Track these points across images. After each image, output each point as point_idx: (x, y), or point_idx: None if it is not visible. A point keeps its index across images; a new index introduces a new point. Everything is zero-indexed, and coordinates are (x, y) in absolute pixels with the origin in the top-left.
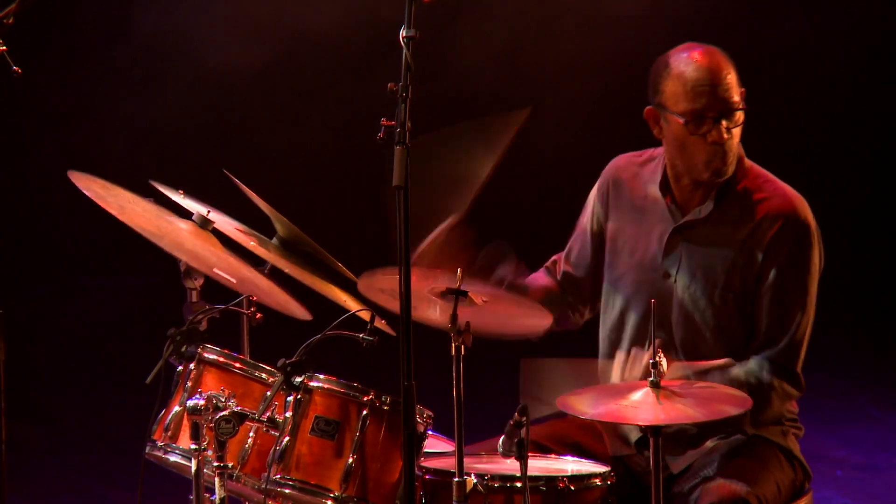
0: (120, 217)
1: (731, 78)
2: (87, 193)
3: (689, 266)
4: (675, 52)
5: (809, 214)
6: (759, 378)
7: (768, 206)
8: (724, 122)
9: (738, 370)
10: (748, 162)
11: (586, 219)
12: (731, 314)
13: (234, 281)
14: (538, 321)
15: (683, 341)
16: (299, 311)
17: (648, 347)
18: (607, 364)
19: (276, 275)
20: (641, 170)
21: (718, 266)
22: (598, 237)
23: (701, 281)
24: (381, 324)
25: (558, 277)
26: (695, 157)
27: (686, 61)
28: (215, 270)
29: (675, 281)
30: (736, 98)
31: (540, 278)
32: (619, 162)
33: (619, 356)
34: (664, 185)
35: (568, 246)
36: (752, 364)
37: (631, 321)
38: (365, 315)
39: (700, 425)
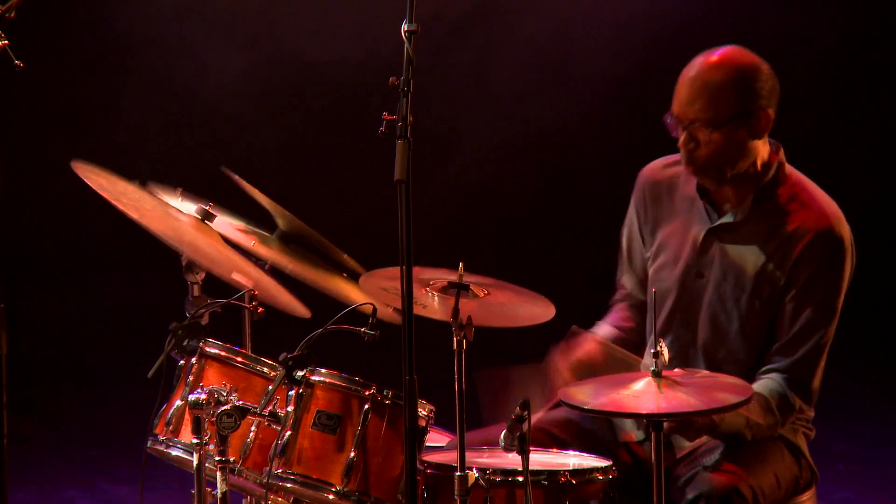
0: (123, 209)
1: (715, 90)
2: (92, 186)
3: (722, 267)
4: (704, 52)
5: (845, 228)
6: (781, 394)
7: (802, 217)
8: (689, 132)
9: (759, 397)
10: (789, 168)
11: (634, 234)
12: (756, 321)
13: (250, 285)
14: (543, 311)
15: (706, 342)
16: (299, 309)
17: (667, 339)
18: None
19: (275, 274)
20: (677, 172)
21: (748, 271)
22: (644, 244)
23: (731, 284)
24: (385, 309)
25: (629, 310)
26: (681, 155)
27: (692, 63)
28: (234, 275)
29: (708, 281)
30: (698, 112)
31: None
32: (652, 168)
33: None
34: (700, 186)
35: (621, 278)
36: (768, 383)
37: (662, 318)
38: (367, 308)
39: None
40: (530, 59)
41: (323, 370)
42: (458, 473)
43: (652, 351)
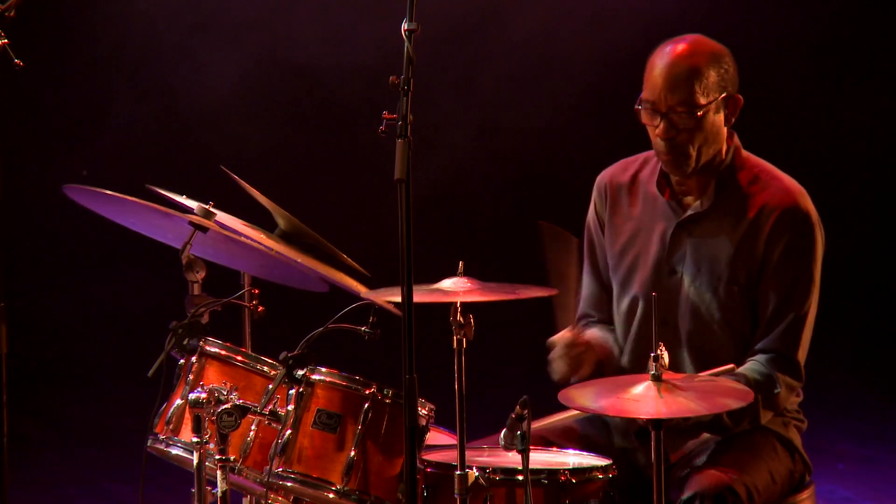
0: (123, 223)
1: (695, 76)
2: (89, 207)
3: (695, 260)
4: (669, 41)
5: (809, 204)
6: (763, 374)
7: (766, 197)
8: (669, 119)
9: (740, 372)
10: (745, 153)
11: (594, 239)
12: (737, 307)
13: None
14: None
15: (690, 335)
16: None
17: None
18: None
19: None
20: (640, 172)
21: (722, 258)
22: (602, 245)
23: (706, 274)
24: (387, 305)
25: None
26: (655, 147)
27: (662, 52)
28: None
29: (682, 276)
30: (680, 99)
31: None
32: (611, 171)
33: (626, 356)
34: (661, 182)
35: (588, 288)
36: (752, 363)
37: (636, 320)
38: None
39: (700, 425)
40: (518, 54)
41: (323, 369)
42: (458, 472)
43: (652, 355)
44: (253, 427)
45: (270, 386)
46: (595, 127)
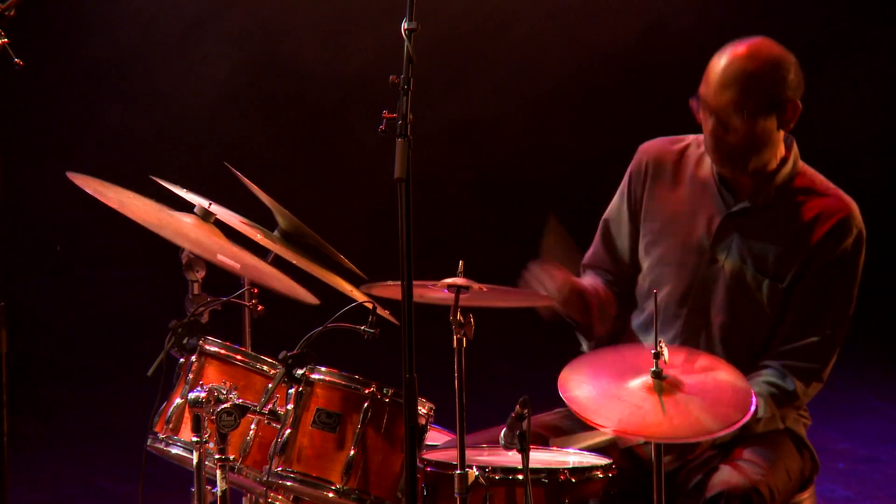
0: (121, 210)
1: (750, 79)
2: (87, 191)
3: (741, 253)
4: (735, 41)
5: (861, 221)
6: (778, 386)
7: (823, 204)
8: (718, 118)
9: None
10: (802, 164)
11: (622, 202)
12: (776, 304)
13: (237, 266)
14: (541, 301)
15: (724, 326)
16: (307, 297)
17: (677, 323)
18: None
19: (279, 265)
20: (685, 153)
21: (770, 255)
22: (636, 218)
23: (751, 268)
24: (383, 313)
25: (602, 281)
26: (705, 142)
27: (724, 51)
28: (219, 257)
29: (723, 266)
30: (727, 103)
31: (596, 284)
32: (657, 142)
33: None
34: (719, 173)
35: (595, 247)
36: (762, 380)
37: (666, 302)
38: (367, 304)
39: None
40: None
41: (323, 368)
42: (458, 471)
43: (653, 351)
44: (252, 426)
45: (270, 385)
46: (590, 124)
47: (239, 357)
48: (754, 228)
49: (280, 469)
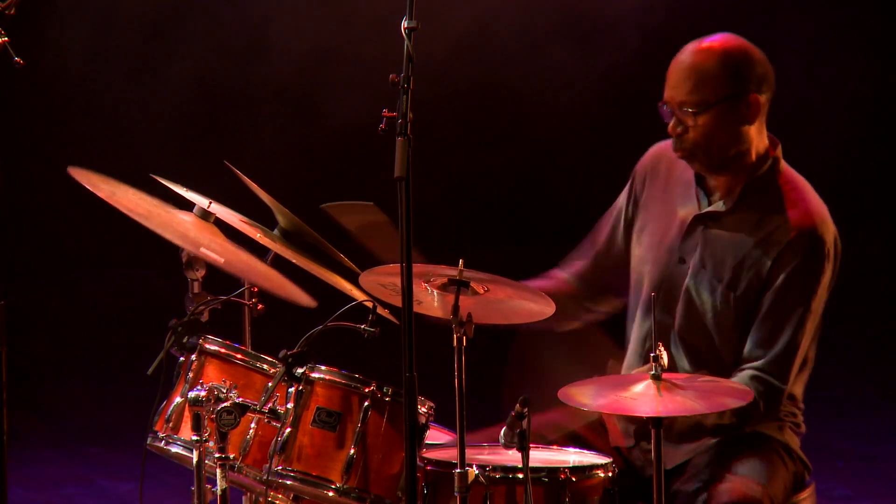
0: (110, 202)
1: (702, 73)
2: (87, 186)
3: (702, 255)
4: (699, 38)
5: (829, 231)
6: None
7: (787, 215)
8: (677, 116)
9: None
10: (784, 166)
11: (622, 203)
12: (729, 314)
13: (221, 260)
14: (542, 307)
15: (681, 329)
16: (303, 298)
17: (647, 321)
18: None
19: (279, 265)
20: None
21: (728, 262)
22: (631, 216)
23: (709, 272)
24: (383, 312)
25: (568, 277)
26: (672, 141)
27: (684, 49)
28: (202, 250)
29: (688, 268)
30: (686, 96)
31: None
32: (663, 144)
33: (633, 339)
34: (697, 174)
35: (590, 240)
36: (739, 379)
37: (642, 301)
38: (367, 304)
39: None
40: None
41: (323, 367)
42: (458, 470)
43: (652, 355)
44: (252, 425)
45: (270, 384)
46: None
47: (239, 356)
48: (720, 232)
49: (280, 468)
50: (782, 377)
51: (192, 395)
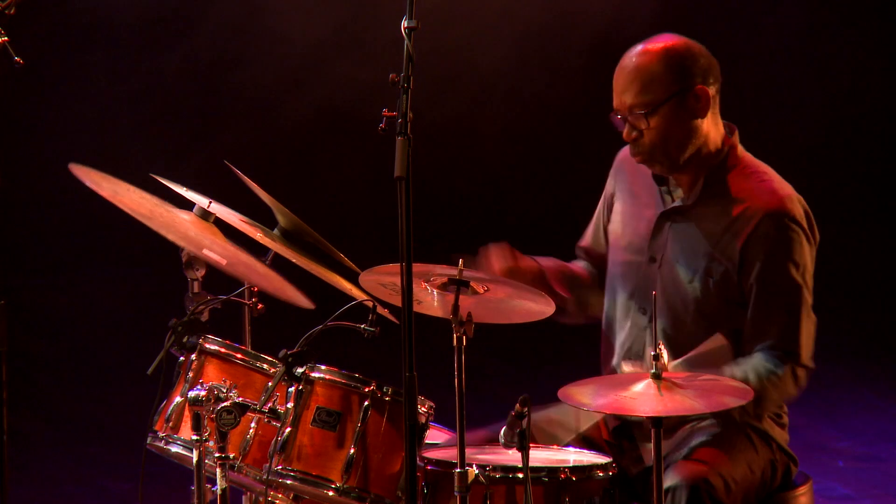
0: (112, 201)
1: (645, 74)
2: (87, 184)
3: (673, 251)
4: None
5: (798, 208)
6: (766, 367)
7: (750, 200)
8: (628, 122)
9: (739, 369)
10: (742, 151)
11: (599, 205)
12: (713, 300)
13: (223, 262)
14: (542, 307)
15: (665, 328)
16: (301, 300)
17: (625, 324)
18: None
19: (278, 265)
20: None
21: (700, 251)
22: (605, 217)
23: (683, 266)
24: (383, 311)
25: (586, 264)
26: (629, 148)
27: (625, 54)
28: (205, 251)
29: (660, 266)
30: (633, 99)
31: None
32: (623, 151)
33: (618, 341)
34: (656, 174)
35: (586, 233)
36: (757, 359)
37: (619, 304)
38: (367, 304)
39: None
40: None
41: (323, 367)
42: (458, 470)
43: (652, 353)
44: (252, 425)
45: (270, 384)
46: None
47: (239, 355)
48: (687, 225)
49: (280, 467)
50: (795, 344)
51: (192, 394)
